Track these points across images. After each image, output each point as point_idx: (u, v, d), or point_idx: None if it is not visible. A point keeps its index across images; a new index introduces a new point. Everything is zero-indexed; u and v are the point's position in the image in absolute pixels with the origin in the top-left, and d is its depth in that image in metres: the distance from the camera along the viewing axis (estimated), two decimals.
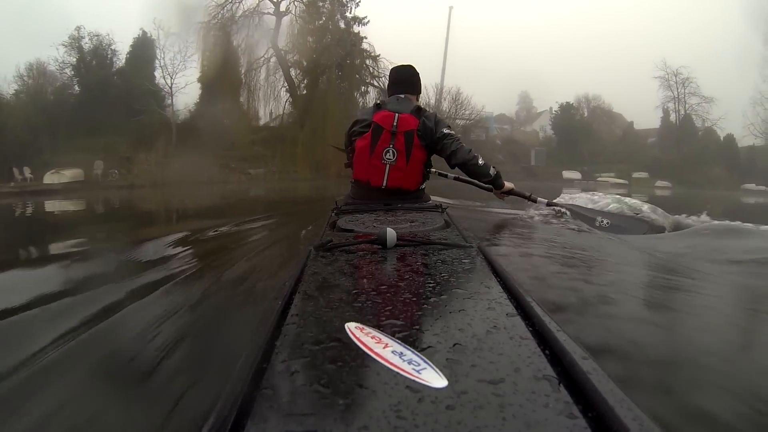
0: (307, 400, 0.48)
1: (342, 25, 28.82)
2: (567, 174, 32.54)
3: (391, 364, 0.53)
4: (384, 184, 2.41)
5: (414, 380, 0.50)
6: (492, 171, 2.63)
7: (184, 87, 26.26)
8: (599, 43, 61.62)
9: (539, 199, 3.59)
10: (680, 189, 27.36)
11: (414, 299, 0.82)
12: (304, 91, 28.62)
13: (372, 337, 0.60)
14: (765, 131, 34.01)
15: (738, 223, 3.70)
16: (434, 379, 0.50)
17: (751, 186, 29.73)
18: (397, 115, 2.36)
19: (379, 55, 28.93)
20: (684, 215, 4.20)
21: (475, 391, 0.48)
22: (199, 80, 26.47)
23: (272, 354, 0.58)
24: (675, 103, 35.62)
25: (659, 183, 30.84)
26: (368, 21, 28.74)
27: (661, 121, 36.88)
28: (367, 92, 29.23)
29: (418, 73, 2.63)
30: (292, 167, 25.08)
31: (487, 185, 2.84)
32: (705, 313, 1.91)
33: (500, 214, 4.54)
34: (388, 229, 1.20)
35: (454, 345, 0.59)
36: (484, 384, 0.50)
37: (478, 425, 0.43)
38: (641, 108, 47.01)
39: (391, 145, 2.37)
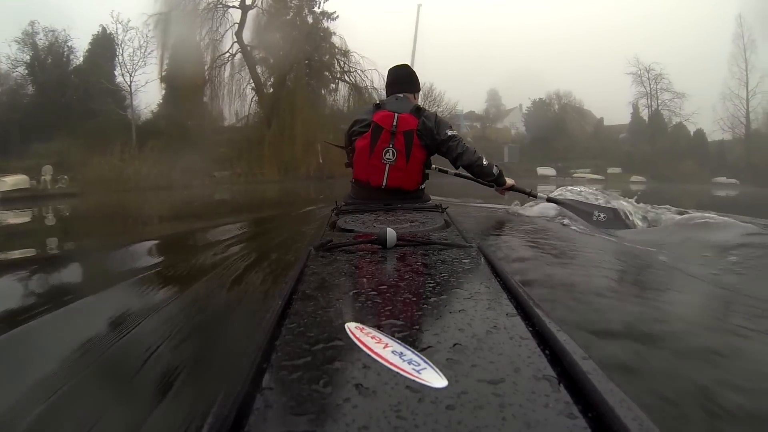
0: (307, 400, 0.48)
1: (310, 20, 28.05)
2: (541, 170, 32.68)
3: (391, 364, 0.53)
4: (384, 183, 2.42)
5: (414, 380, 0.50)
6: (495, 170, 2.71)
7: (144, 85, 24.94)
8: (567, 42, 62.74)
9: (539, 194, 3.69)
10: (654, 183, 27.90)
11: (414, 299, 0.82)
12: (271, 90, 27.57)
13: (372, 337, 0.60)
14: (733, 126, 35.02)
15: (727, 215, 3.83)
16: (434, 379, 0.50)
17: (722, 179, 30.52)
18: (396, 114, 2.37)
19: (349, 51, 28.22)
20: (666, 208, 4.32)
21: (475, 391, 0.48)
22: (162, 79, 25.47)
23: (272, 354, 0.58)
24: (648, 99, 36.63)
25: (634, 178, 31.44)
26: (337, 16, 28.14)
27: (631, 117, 37.85)
28: (337, 89, 28.51)
29: (415, 72, 2.66)
30: (259, 169, 23.99)
31: (489, 183, 2.88)
32: (706, 309, 1.94)
33: (500, 211, 4.58)
34: (388, 229, 1.21)
35: (454, 345, 0.60)
36: (484, 384, 0.50)
37: (478, 425, 0.43)
38: (610, 104, 48.41)
39: (390, 145, 2.38)
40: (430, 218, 1.82)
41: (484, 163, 2.61)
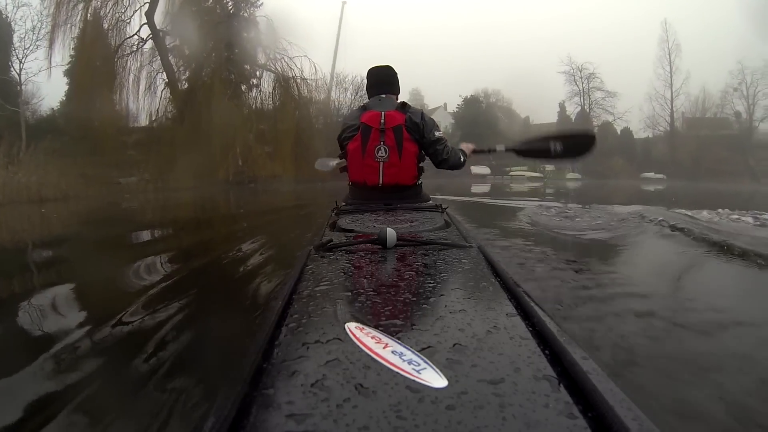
0: (307, 400, 0.48)
1: (231, 6, 24.66)
2: (476, 169, 31.83)
3: (391, 364, 0.53)
4: (380, 181, 2.43)
5: (414, 380, 0.50)
6: (463, 157, 2.72)
7: (36, 74, 20.45)
8: (491, 44, 64.38)
9: (498, 147, 3.74)
10: (589, 180, 29.00)
11: (414, 299, 0.81)
12: (186, 84, 23.46)
13: (372, 337, 0.60)
14: (656, 124, 37.30)
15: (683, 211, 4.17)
16: (434, 379, 0.50)
17: (650, 174, 32.08)
18: (383, 113, 2.39)
19: (276, 36, 24.52)
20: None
21: (475, 391, 0.48)
22: (65, 73, 21.47)
23: (272, 354, 0.58)
24: (581, 97, 37.93)
25: (570, 175, 32.43)
26: (261, 3, 24.83)
27: (558, 116, 38.95)
28: (260, 82, 24.81)
29: (396, 73, 2.68)
30: (171, 173, 19.58)
31: None
32: (694, 306, 2.03)
33: (499, 210, 4.68)
34: (388, 229, 1.20)
35: (454, 345, 0.60)
36: (484, 384, 0.50)
37: (478, 425, 0.43)
38: (535, 103, 49.47)
39: (381, 142, 2.39)
40: (430, 218, 1.82)
41: (461, 160, 2.68)
